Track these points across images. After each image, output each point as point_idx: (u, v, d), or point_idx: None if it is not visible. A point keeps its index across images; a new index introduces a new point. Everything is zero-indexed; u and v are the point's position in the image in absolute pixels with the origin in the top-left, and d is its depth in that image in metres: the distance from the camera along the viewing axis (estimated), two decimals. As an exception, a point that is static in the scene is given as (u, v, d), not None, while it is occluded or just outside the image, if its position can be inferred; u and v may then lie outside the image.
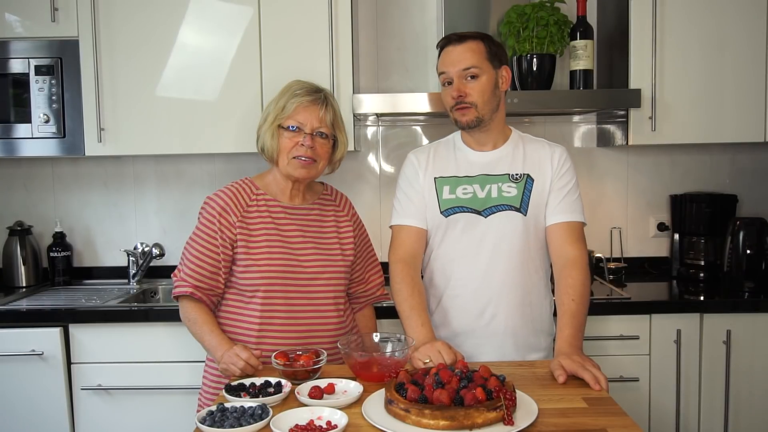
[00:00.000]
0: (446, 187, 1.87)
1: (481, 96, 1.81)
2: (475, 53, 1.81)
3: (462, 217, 1.85)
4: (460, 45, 1.83)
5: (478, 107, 1.81)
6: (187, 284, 1.79)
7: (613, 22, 2.63)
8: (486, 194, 1.84)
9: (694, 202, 2.72)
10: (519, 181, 1.85)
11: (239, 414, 1.35)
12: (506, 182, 1.85)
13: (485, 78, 1.81)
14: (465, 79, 1.82)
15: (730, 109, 2.48)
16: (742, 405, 2.33)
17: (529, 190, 1.84)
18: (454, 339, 1.87)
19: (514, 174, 1.86)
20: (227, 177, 2.74)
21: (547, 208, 1.85)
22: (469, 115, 1.82)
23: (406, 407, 1.31)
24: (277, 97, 1.84)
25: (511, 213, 1.82)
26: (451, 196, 1.86)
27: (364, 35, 2.80)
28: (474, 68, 1.80)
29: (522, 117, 2.81)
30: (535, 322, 1.87)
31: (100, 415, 2.30)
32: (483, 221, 1.83)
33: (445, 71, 1.85)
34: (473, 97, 1.81)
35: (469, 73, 1.81)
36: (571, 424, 1.33)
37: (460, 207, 1.85)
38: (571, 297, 1.75)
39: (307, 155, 1.79)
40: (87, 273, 2.88)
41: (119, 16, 2.44)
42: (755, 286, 2.46)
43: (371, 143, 2.87)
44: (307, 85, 1.85)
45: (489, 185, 1.85)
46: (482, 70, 1.81)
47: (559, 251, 1.83)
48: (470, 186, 1.86)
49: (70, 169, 2.87)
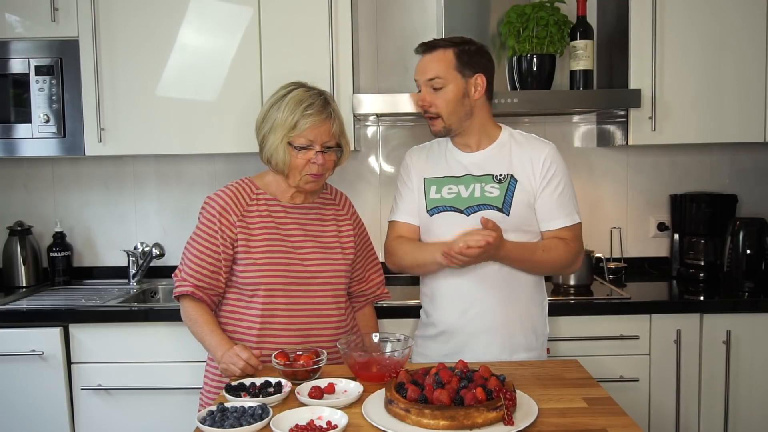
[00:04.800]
0: (433, 187, 1.90)
1: (446, 107, 1.82)
2: (441, 63, 1.81)
3: (445, 215, 1.87)
4: (428, 54, 1.84)
5: (443, 117, 1.83)
6: (187, 284, 1.79)
7: (613, 22, 2.63)
8: (469, 194, 1.85)
9: (694, 202, 2.72)
10: (502, 182, 1.84)
11: (239, 414, 1.35)
12: (489, 183, 1.85)
13: (451, 88, 1.81)
14: (430, 90, 1.83)
15: (730, 109, 2.48)
16: (742, 405, 2.33)
17: (511, 191, 1.83)
18: (440, 336, 1.90)
19: (498, 175, 1.85)
20: (227, 177, 2.74)
21: (541, 213, 1.84)
22: (436, 126, 1.86)
23: (406, 407, 1.31)
24: (285, 109, 1.76)
25: (493, 212, 1.82)
26: (436, 195, 1.89)
27: (364, 35, 2.80)
28: (437, 79, 1.81)
29: (522, 117, 2.81)
30: (522, 321, 1.86)
31: (100, 415, 2.30)
32: (465, 219, 1.84)
33: (416, 79, 1.87)
34: (437, 107, 1.83)
35: (433, 84, 1.82)
36: (571, 424, 1.34)
37: (444, 206, 1.87)
38: (542, 246, 1.82)
39: (318, 172, 1.79)
40: (87, 273, 2.88)
41: (119, 16, 2.44)
42: (755, 286, 2.46)
43: (371, 143, 2.87)
44: (312, 94, 1.79)
45: (473, 185, 1.86)
46: (447, 80, 1.81)
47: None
48: (455, 186, 1.87)
49: (70, 169, 2.87)
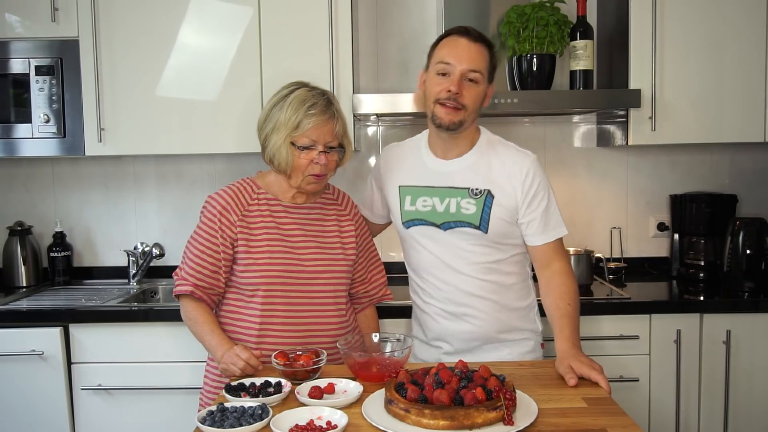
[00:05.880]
0: (408, 197, 1.87)
1: (474, 103, 1.76)
2: (483, 58, 1.75)
3: (421, 230, 1.85)
4: (474, 44, 1.75)
5: (467, 111, 1.74)
6: (187, 283, 1.79)
7: (613, 22, 2.63)
8: (445, 208, 1.81)
9: (694, 202, 2.72)
10: (479, 197, 1.78)
11: (239, 414, 1.35)
12: (465, 197, 1.79)
13: (482, 87, 1.77)
14: (466, 80, 1.74)
15: (730, 109, 2.48)
16: (742, 405, 2.33)
17: (488, 207, 1.78)
18: (433, 342, 1.91)
19: (474, 189, 1.79)
20: (227, 177, 2.74)
21: (528, 229, 1.80)
22: (457, 116, 1.74)
23: (406, 407, 1.31)
24: (287, 109, 1.75)
25: (471, 230, 1.80)
26: (411, 207, 1.86)
27: (364, 35, 2.80)
28: (478, 73, 1.74)
29: (522, 117, 2.80)
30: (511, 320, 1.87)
31: (100, 415, 2.30)
32: (442, 235, 1.82)
33: (449, 62, 1.73)
34: (467, 99, 1.74)
35: (473, 77, 1.73)
36: (571, 424, 1.34)
37: (420, 220, 1.85)
38: (567, 301, 1.76)
39: (321, 172, 1.79)
40: (87, 273, 2.88)
41: (119, 16, 2.44)
42: (755, 286, 2.46)
43: (371, 143, 2.87)
44: (315, 94, 1.79)
45: (448, 199, 1.81)
46: (483, 78, 1.76)
47: (545, 266, 1.83)
48: (430, 198, 1.83)
49: (70, 169, 2.87)
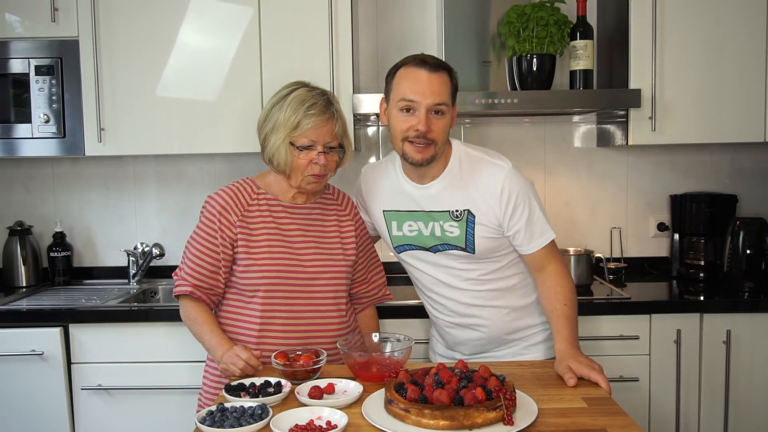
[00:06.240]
0: (394, 223, 1.88)
1: (443, 134, 1.70)
2: (446, 87, 1.68)
3: (413, 253, 1.89)
4: (435, 74, 1.67)
5: (437, 145, 1.70)
6: (187, 283, 1.79)
7: (613, 22, 2.63)
8: (430, 232, 1.82)
9: (694, 202, 2.72)
10: (460, 219, 1.77)
11: (239, 414, 1.35)
12: (448, 220, 1.78)
13: (448, 117, 1.71)
14: (431, 114, 1.67)
15: (730, 109, 2.48)
16: (742, 405, 2.32)
17: (471, 227, 1.77)
18: (452, 347, 1.97)
19: (454, 211, 1.77)
20: (227, 177, 2.74)
21: (516, 240, 1.79)
22: (428, 153, 1.69)
23: (406, 407, 1.31)
24: (287, 109, 1.75)
25: (458, 252, 1.81)
26: (399, 233, 1.88)
27: (364, 35, 2.80)
28: (443, 105, 1.68)
29: (522, 117, 2.80)
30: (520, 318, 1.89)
31: (100, 415, 2.30)
32: (433, 257, 1.85)
33: (413, 99, 1.67)
34: (435, 134, 1.67)
35: (438, 109, 1.67)
36: (571, 424, 1.34)
37: (409, 245, 1.88)
38: (563, 302, 1.77)
39: (320, 173, 1.79)
40: (87, 273, 2.88)
41: (119, 16, 2.44)
42: (755, 286, 2.46)
43: (371, 143, 2.87)
44: (315, 94, 1.78)
45: (432, 223, 1.81)
46: (448, 107, 1.69)
47: (539, 270, 1.84)
48: (415, 223, 1.84)
49: (70, 169, 2.87)
